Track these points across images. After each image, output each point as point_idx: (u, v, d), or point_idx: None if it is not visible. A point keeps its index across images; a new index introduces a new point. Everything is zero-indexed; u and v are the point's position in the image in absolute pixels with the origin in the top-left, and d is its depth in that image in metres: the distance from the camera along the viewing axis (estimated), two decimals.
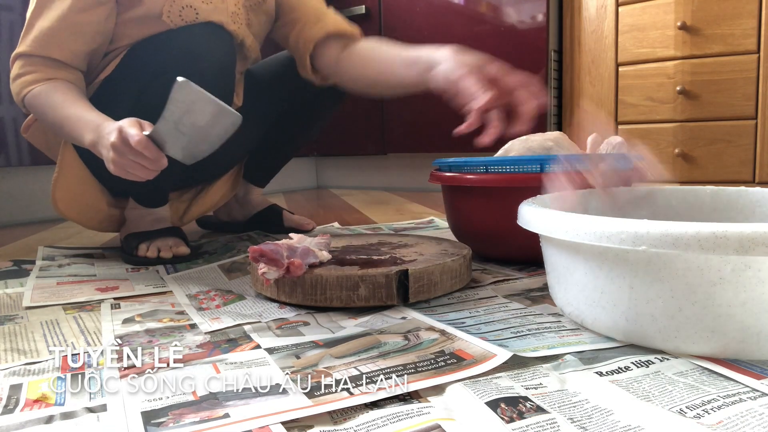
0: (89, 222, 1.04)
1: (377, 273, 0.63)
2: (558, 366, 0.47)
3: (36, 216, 1.65)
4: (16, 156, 1.55)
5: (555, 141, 0.89)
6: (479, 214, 0.86)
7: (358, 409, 0.40)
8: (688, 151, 1.68)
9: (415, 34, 2.12)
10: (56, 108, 0.85)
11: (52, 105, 0.85)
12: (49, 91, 0.86)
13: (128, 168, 0.75)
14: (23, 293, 0.76)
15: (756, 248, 0.41)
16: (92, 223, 1.04)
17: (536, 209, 0.56)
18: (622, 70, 1.77)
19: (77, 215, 1.01)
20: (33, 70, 0.87)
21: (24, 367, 0.50)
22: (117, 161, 0.74)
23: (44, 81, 0.87)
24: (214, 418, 0.39)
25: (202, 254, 1.00)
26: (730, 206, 0.68)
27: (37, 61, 0.87)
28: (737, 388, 0.42)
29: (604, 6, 1.77)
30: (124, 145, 0.73)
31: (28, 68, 0.87)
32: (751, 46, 1.57)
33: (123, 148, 0.73)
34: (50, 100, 0.86)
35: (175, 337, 0.57)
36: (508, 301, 0.66)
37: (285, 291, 0.67)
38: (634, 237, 0.45)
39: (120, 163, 0.75)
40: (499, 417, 0.38)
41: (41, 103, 0.86)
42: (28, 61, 0.88)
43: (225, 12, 0.93)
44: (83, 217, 1.02)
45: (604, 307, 0.51)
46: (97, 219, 1.04)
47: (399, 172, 2.39)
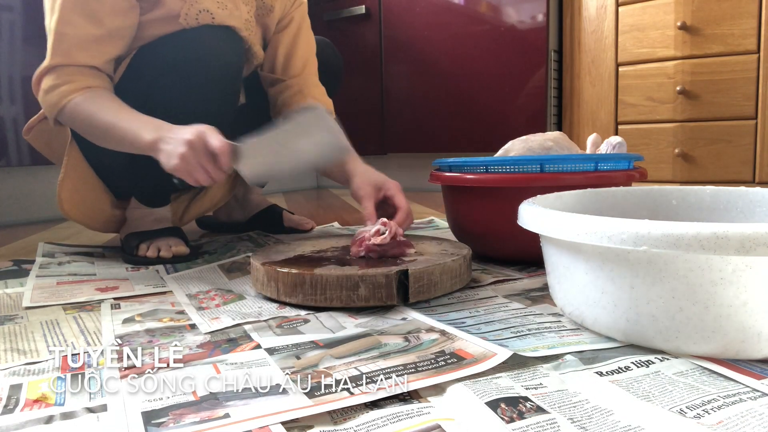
0: (93, 223, 1.04)
1: (377, 273, 0.63)
2: (558, 366, 0.47)
3: (36, 216, 1.65)
4: (16, 156, 1.55)
5: (555, 141, 0.89)
6: (479, 214, 0.86)
7: (358, 409, 0.40)
8: (688, 151, 1.68)
9: (415, 34, 2.12)
10: (103, 114, 0.84)
11: (98, 111, 0.84)
12: (92, 98, 0.85)
13: (193, 169, 0.77)
14: (23, 293, 0.76)
15: (757, 248, 0.41)
16: (95, 224, 1.05)
17: (536, 209, 0.56)
18: (622, 70, 1.77)
19: (81, 216, 1.01)
20: (70, 79, 0.85)
21: (24, 367, 0.50)
22: (187, 158, 0.76)
23: (83, 90, 0.85)
24: (214, 419, 0.39)
25: (202, 254, 1.00)
26: (730, 206, 0.67)
27: (73, 70, 0.86)
28: (737, 388, 0.42)
29: (604, 6, 1.77)
30: (201, 146, 0.75)
31: (65, 78, 0.85)
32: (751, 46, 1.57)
33: (199, 149, 0.75)
34: (94, 107, 0.84)
35: (175, 337, 0.57)
36: (508, 301, 0.66)
37: (285, 291, 0.67)
38: (635, 237, 0.45)
39: (189, 162, 0.76)
40: (500, 417, 0.38)
41: (84, 111, 0.85)
42: (62, 71, 0.85)
43: (239, 19, 0.95)
44: (87, 218, 1.03)
45: (604, 307, 0.51)
46: (100, 220, 1.04)
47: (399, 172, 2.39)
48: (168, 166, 0.78)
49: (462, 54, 2.02)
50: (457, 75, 2.04)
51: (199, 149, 0.76)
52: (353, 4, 2.24)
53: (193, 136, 0.76)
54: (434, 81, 2.10)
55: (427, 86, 2.13)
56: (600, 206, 0.70)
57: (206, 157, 0.76)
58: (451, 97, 2.07)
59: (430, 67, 2.10)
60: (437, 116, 2.12)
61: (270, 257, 0.74)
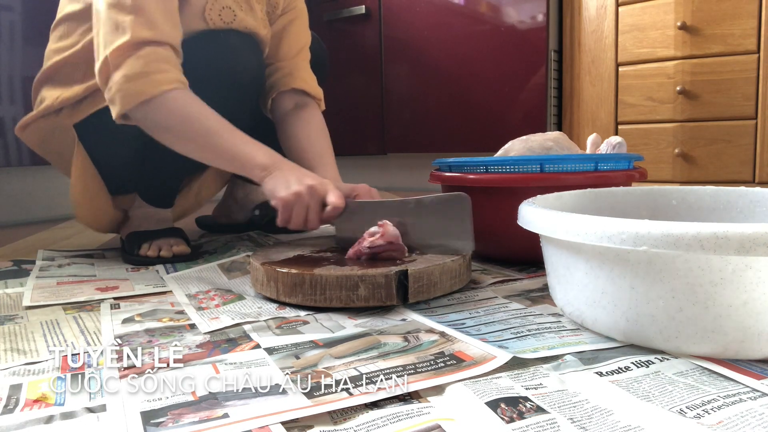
0: (99, 224, 1.05)
1: (377, 273, 0.63)
2: (558, 366, 0.47)
3: (36, 216, 1.65)
4: (16, 156, 1.55)
5: (555, 141, 0.89)
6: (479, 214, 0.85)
7: (358, 409, 0.40)
8: (688, 151, 1.68)
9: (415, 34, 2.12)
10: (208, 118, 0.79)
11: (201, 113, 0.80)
12: (193, 97, 0.80)
13: (299, 210, 0.77)
14: (23, 293, 0.76)
15: (757, 248, 0.41)
16: (101, 226, 1.06)
17: (536, 209, 0.56)
18: (622, 70, 1.77)
19: (90, 218, 1.02)
20: (163, 68, 0.77)
21: (24, 367, 0.50)
22: (302, 198, 0.76)
23: (180, 84, 0.78)
24: (213, 418, 0.39)
25: (202, 254, 1.00)
26: (730, 206, 0.67)
27: (165, 55, 0.77)
28: (737, 388, 0.42)
29: (604, 6, 1.77)
30: (318, 196, 0.76)
31: (157, 65, 0.76)
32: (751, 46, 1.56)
33: (316, 197, 0.76)
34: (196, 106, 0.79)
35: (175, 337, 0.57)
36: (508, 301, 0.66)
37: (285, 291, 0.67)
38: (635, 237, 0.45)
39: (300, 202, 0.76)
40: (500, 417, 0.38)
41: (182, 108, 0.79)
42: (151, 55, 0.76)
43: (256, 18, 0.95)
44: (94, 220, 1.03)
45: (604, 307, 0.51)
46: (105, 221, 1.05)
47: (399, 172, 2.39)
48: (274, 195, 0.77)
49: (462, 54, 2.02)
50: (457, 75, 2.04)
51: (316, 197, 0.76)
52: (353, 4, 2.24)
53: (317, 183, 0.77)
54: (434, 81, 2.10)
55: (427, 86, 2.12)
56: (600, 206, 0.70)
57: (317, 205, 0.77)
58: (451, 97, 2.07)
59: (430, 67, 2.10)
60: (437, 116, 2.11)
61: (270, 257, 0.74)
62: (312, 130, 1.01)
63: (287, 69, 1.03)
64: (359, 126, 2.30)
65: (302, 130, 1.01)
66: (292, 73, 1.03)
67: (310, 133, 1.01)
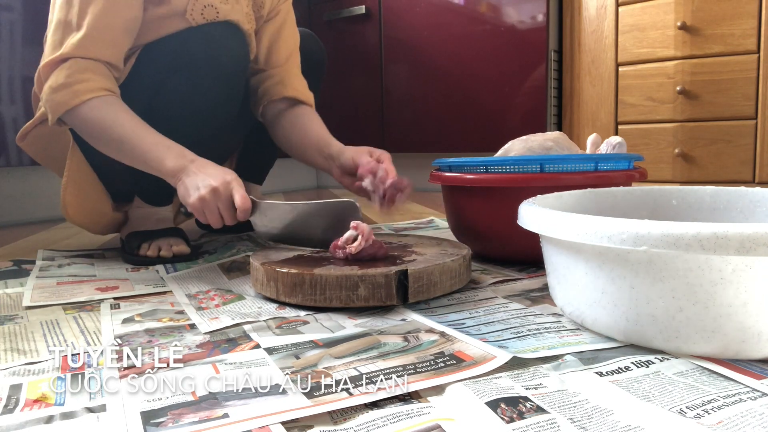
0: (95, 226, 1.04)
1: (377, 273, 0.63)
2: (558, 366, 0.47)
3: (36, 216, 1.65)
4: (16, 156, 1.55)
5: (555, 141, 0.89)
6: (479, 214, 0.86)
7: (358, 409, 0.40)
8: (688, 151, 1.68)
9: (415, 34, 2.12)
10: (120, 125, 0.81)
11: (115, 121, 0.81)
12: (109, 104, 0.81)
13: (210, 212, 0.78)
14: (23, 293, 0.76)
15: (757, 248, 0.41)
16: (97, 228, 1.05)
17: (536, 209, 0.56)
18: (622, 70, 1.77)
19: (85, 220, 1.01)
20: (84, 78, 0.80)
21: (24, 367, 0.50)
22: (207, 202, 0.77)
23: (100, 92, 0.80)
24: (213, 418, 0.39)
25: (202, 254, 1.00)
26: (730, 206, 0.67)
27: (88, 66, 0.80)
28: (737, 388, 0.42)
29: (604, 6, 1.77)
30: (224, 196, 0.77)
31: (78, 76, 0.80)
32: (751, 46, 1.56)
33: (222, 198, 0.77)
34: (111, 114, 0.81)
35: (175, 337, 0.57)
36: (508, 301, 0.66)
37: (285, 291, 0.67)
38: (635, 237, 0.45)
39: (207, 205, 0.77)
40: (500, 417, 0.38)
41: (98, 117, 0.80)
42: (76, 66, 0.80)
43: (240, 12, 0.95)
44: (90, 222, 1.02)
45: (604, 307, 0.51)
46: (102, 223, 1.04)
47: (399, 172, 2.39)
48: (184, 200, 0.79)
49: (462, 54, 2.02)
50: (457, 75, 2.04)
51: (222, 198, 0.77)
52: (353, 4, 2.24)
53: (220, 184, 0.77)
54: (434, 81, 2.10)
55: (427, 86, 2.13)
56: (600, 206, 0.70)
57: (226, 206, 0.78)
58: (451, 97, 2.07)
59: (430, 67, 2.10)
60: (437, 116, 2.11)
61: (270, 257, 0.74)
62: (307, 120, 1.03)
63: (278, 77, 1.05)
64: (359, 126, 2.30)
65: (298, 119, 1.03)
66: (284, 81, 1.05)
67: (305, 121, 1.03)
